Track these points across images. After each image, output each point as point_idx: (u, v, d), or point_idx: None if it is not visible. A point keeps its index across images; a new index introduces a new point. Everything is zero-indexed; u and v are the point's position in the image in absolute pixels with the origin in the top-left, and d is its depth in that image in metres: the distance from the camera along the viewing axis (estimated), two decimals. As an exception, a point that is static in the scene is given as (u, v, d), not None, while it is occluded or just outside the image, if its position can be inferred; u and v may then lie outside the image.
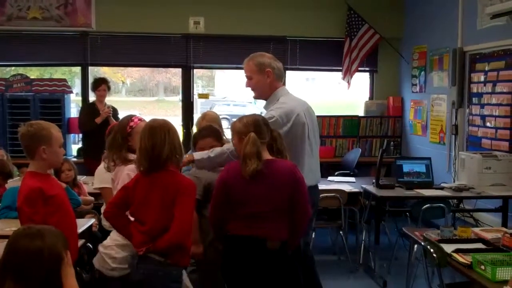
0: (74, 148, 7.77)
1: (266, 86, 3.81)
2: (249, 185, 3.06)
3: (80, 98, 8.14)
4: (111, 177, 3.56)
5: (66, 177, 5.01)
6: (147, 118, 3.45)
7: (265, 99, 3.89)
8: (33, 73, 7.81)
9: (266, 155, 3.14)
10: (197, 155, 3.55)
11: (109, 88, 6.88)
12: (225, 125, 21.59)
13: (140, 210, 2.99)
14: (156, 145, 2.94)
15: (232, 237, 3.17)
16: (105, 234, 3.92)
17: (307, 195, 3.18)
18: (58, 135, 3.09)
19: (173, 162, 3.00)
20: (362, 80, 8.43)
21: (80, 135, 7.68)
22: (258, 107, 22.61)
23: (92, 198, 5.19)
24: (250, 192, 3.08)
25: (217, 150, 3.57)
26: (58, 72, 14.21)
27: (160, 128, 2.99)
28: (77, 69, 15.35)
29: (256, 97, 3.95)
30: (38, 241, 2.17)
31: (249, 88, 3.90)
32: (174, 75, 26.12)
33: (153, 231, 2.93)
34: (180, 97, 26.88)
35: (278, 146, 3.20)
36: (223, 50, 7.96)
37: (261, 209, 3.08)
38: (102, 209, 3.83)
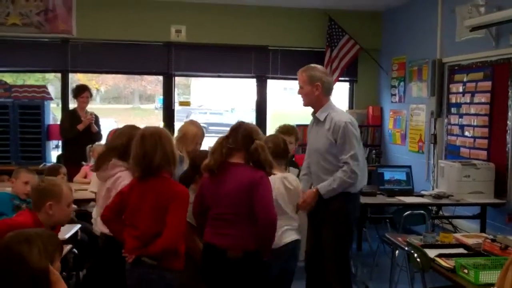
0: (54, 154, 7.70)
1: (314, 97, 4.01)
2: (214, 185, 3.18)
3: (54, 105, 8.05)
4: (106, 186, 3.52)
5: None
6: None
7: (314, 109, 4.10)
8: (6, 79, 7.71)
9: (234, 159, 3.21)
10: (321, 188, 3.88)
11: (91, 95, 6.84)
12: (202, 133, 20.98)
13: (133, 215, 3.02)
14: (147, 153, 2.98)
15: (204, 245, 3.26)
16: (93, 239, 3.93)
17: (266, 201, 3.13)
18: (68, 193, 3.10)
19: (166, 169, 3.04)
20: (342, 90, 8.53)
21: (57, 142, 7.63)
22: (235, 116, 22.69)
23: (75, 206, 5.16)
24: (214, 192, 3.18)
25: (337, 180, 3.85)
26: (31, 79, 13.96)
27: (150, 136, 3.03)
28: (51, 76, 15.21)
29: (304, 105, 4.14)
30: (25, 247, 2.17)
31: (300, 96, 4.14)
32: (149, 83, 26.01)
33: (144, 237, 2.95)
34: (155, 105, 26.51)
35: (257, 158, 3.18)
36: (205, 59, 7.98)
37: (223, 211, 3.15)
38: (94, 213, 3.81)
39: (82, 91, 6.65)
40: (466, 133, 6.02)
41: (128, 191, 3.07)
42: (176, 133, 4.41)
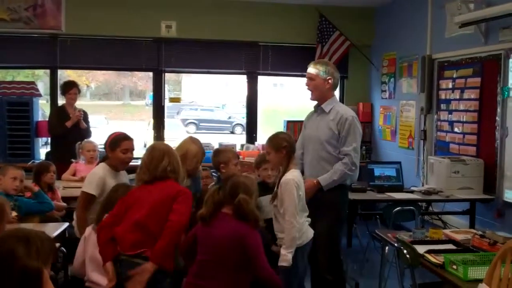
0: (43, 152, 7.65)
1: (323, 90, 4.25)
2: (204, 232, 3.23)
3: (43, 101, 7.98)
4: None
5: (50, 178, 5.06)
6: (113, 122, 3.55)
7: (319, 101, 4.31)
8: (-6, 75, 7.69)
9: (225, 209, 3.27)
10: (322, 180, 4.07)
11: (79, 91, 6.80)
12: (192, 129, 21.33)
13: (134, 207, 3.12)
14: (154, 160, 3.22)
15: None
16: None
17: (258, 258, 3.18)
18: (8, 212, 3.21)
19: (172, 177, 3.24)
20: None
21: (46, 139, 7.57)
22: (226, 112, 22.69)
23: (65, 204, 5.14)
24: (203, 239, 3.22)
25: (338, 172, 4.07)
26: (20, 75, 13.86)
27: (159, 148, 3.34)
28: (41, 72, 15.07)
29: (312, 98, 4.34)
30: (21, 245, 2.14)
31: (307, 87, 4.35)
32: (140, 79, 25.95)
33: (148, 228, 3.03)
34: (146, 101, 26.48)
35: (241, 212, 3.22)
36: (195, 55, 7.94)
37: (207, 258, 3.18)
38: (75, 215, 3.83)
39: (70, 88, 6.61)
40: (456, 129, 6.03)
41: (129, 194, 3.23)
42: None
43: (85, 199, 3.93)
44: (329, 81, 4.22)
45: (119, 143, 4.02)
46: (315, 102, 4.37)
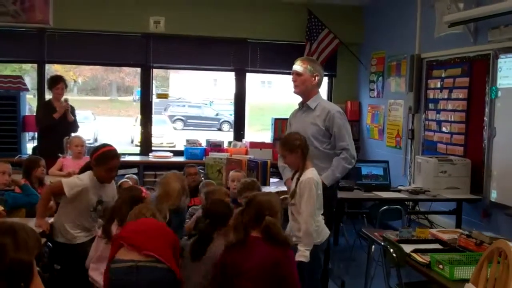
0: (29, 146, 7.58)
1: (309, 86, 4.36)
2: (236, 258, 3.12)
3: (31, 96, 7.90)
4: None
5: (41, 173, 5.03)
6: (100, 118, 3.50)
7: (303, 97, 4.43)
8: (-20, 70, 7.60)
9: (254, 233, 3.17)
10: (326, 179, 4.09)
11: (66, 86, 6.75)
12: (179, 126, 21.23)
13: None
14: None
15: None
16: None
17: (291, 274, 3.13)
18: None
19: None
20: (321, 84, 8.55)
21: (33, 133, 7.51)
22: (214, 109, 22.66)
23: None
24: (236, 266, 3.10)
25: (339, 168, 4.22)
26: (7, 69, 13.76)
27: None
28: (28, 66, 14.96)
29: (296, 92, 4.44)
30: (8, 237, 2.11)
31: (294, 83, 4.43)
32: (127, 75, 25.90)
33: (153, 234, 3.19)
34: (133, 97, 26.36)
35: (270, 235, 3.13)
36: (183, 51, 7.92)
37: (244, 284, 3.07)
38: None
39: (57, 82, 6.56)
40: (443, 129, 6.05)
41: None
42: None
43: (58, 189, 3.84)
44: (316, 77, 4.36)
45: (107, 161, 3.83)
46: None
